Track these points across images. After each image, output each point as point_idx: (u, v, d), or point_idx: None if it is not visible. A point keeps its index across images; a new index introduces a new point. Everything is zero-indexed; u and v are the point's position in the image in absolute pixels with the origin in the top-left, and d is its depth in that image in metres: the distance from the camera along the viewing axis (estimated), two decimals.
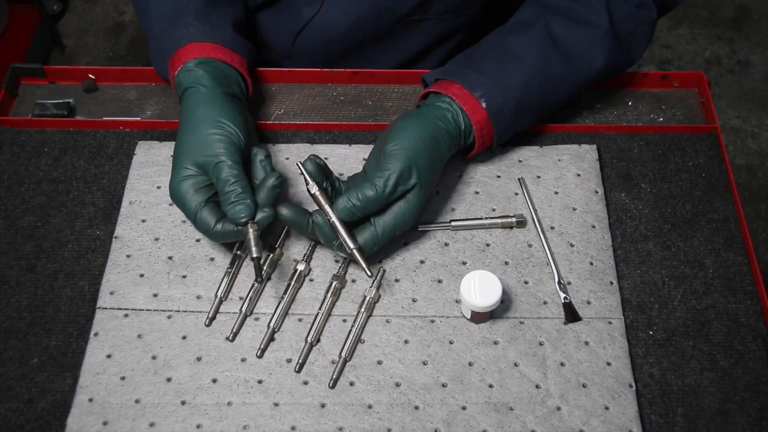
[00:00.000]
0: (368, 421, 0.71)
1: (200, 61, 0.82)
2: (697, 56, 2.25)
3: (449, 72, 0.84)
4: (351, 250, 0.74)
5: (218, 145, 0.76)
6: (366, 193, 0.74)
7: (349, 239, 0.74)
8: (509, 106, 0.82)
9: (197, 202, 0.75)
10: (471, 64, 0.84)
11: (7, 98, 0.95)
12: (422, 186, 0.76)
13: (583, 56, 0.85)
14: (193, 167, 0.76)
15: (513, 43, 0.85)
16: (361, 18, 0.96)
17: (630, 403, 0.72)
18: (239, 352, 0.75)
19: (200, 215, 0.75)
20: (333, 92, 0.97)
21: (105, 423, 0.71)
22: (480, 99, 0.81)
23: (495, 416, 0.71)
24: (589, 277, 0.80)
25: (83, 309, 0.78)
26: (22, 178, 0.88)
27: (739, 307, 0.78)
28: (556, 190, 0.86)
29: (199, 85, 0.80)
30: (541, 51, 0.84)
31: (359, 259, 0.74)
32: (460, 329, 0.76)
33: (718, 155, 0.89)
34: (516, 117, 0.83)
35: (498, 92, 0.81)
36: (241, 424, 0.71)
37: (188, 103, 0.80)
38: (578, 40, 0.85)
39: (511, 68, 0.83)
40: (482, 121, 0.82)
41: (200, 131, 0.77)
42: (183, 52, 0.82)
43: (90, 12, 2.38)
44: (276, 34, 1.02)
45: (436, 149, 0.78)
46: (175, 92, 0.84)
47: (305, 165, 0.76)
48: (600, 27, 0.85)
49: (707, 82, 0.95)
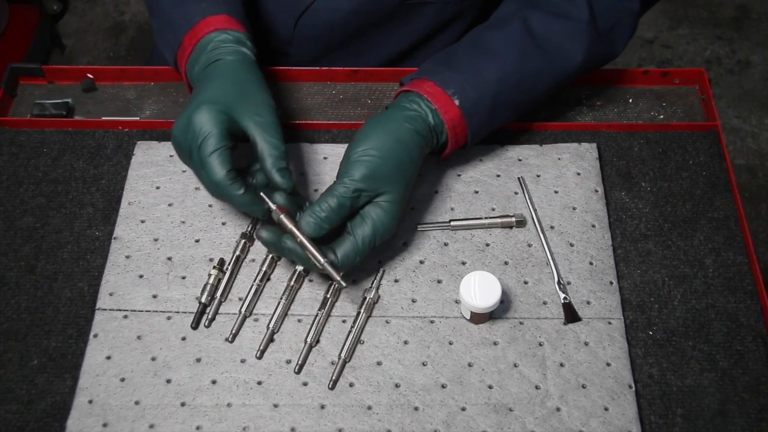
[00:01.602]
0: (368, 422, 0.71)
1: (224, 32, 0.80)
2: (697, 56, 2.25)
3: (424, 71, 0.83)
4: (322, 265, 0.70)
5: (272, 112, 0.75)
6: (329, 204, 0.72)
7: (318, 254, 0.70)
8: (484, 103, 0.80)
9: (223, 140, 0.72)
10: (446, 61, 0.83)
11: (5, 98, 0.95)
12: (392, 191, 0.74)
13: (563, 51, 0.83)
14: (228, 112, 0.73)
15: (490, 39, 0.83)
16: (365, 1, 0.95)
17: (629, 404, 0.72)
18: (239, 353, 0.75)
19: (221, 155, 0.72)
20: (332, 91, 0.96)
21: (105, 425, 0.71)
22: (453, 96, 0.79)
23: (494, 417, 0.71)
24: (589, 276, 0.79)
25: (83, 310, 0.78)
26: (21, 178, 0.88)
27: (739, 306, 0.78)
28: (555, 189, 0.86)
29: (235, 54, 0.79)
30: (518, 47, 0.82)
31: (331, 272, 0.70)
32: (460, 330, 0.76)
33: (718, 153, 0.89)
34: (492, 115, 0.81)
35: (472, 89, 0.80)
36: (241, 426, 0.71)
37: (227, 66, 0.77)
38: (557, 35, 0.83)
39: (486, 65, 0.81)
40: (455, 119, 0.80)
41: (251, 90, 0.75)
42: (203, 24, 0.80)
43: (90, 12, 2.38)
44: (278, 17, 1.00)
45: (404, 152, 0.76)
46: (184, 72, 0.82)
47: (271, 197, 0.74)
48: (580, 20, 0.83)
49: (708, 80, 0.95)
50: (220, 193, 0.73)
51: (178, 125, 0.74)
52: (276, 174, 0.72)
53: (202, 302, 0.77)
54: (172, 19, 0.83)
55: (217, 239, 0.82)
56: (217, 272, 0.78)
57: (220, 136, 0.72)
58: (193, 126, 0.72)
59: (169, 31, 0.84)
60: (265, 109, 0.75)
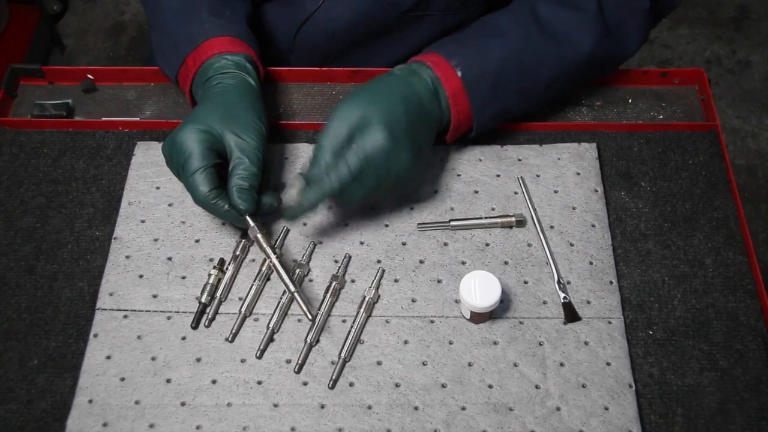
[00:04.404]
0: (368, 421, 0.71)
1: (224, 57, 0.82)
2: (697, 56, 2.25)
3: (432, 46, 0.85)
4: (292, 293, 0.74)
5: (255, 133, 0.77)
6: (309, 196, 0.75)
7: (289, 282, 0.74)
8: (486, 78, 0.81)
9: (204, 160, 0.75)
10: (454, 39, 0.85)
11: (6, 99, 0.95)
12: (380, 120, 0.74)
13: (569, 38, 0.84)
14: (211, 132, 0.76)
15: (497, 21, 0.86)
16: (364, 12, 0.97)
17: (630, 403, 0.72)
18: (239, 353, 0.75)
19: (202, 174, 0.74)
20: (332, 91, 0.96)
21: (105, 424, 0.71)
22: (456, 68, 0.81)
23: (494, 417, 0.71)
24: (589, 276, 0.79)
25: (83, 310, 0.78)
26: (21, 178, 0.88)
27: (739, 306, 0.78)
28: (555, 189, 0.86)
29: (235, 78, 0.81)
30: (524, 29, 0.84)
31: (300, 302, 0.74)
32: (460, 329, 0.76)
33: (718, 153, 0.89)
34: (494, 93, 0.82)
35: (475, 63, 0.81)
36: (241, 425, 0.71)
37: (222, 89, 0.80)
38: (564, 23, 0.84)
39: (491, 43, 0.83)
40: (456, 89, 0.80)
41: (240, 111, 0.77)
42: (207, 47, 0.83)
43: (90, 12, 2.38)
44: (279, 26, 1.02)
45: (396, 98, 0.77)
46: (188, 89, 0.84)
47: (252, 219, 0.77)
48: (587, 11, 0.84)
49: (707, 80, 0.95)
50: (206, 209, 0.76)
51: (165, 145, 0.77)
52: (236, 195, 0.75)
53: (202, 302, 0.77)
54: (176, 37, 0.85)
55: (217, 239, 0.82)
56: (217, 272, 0.78)
57: (201, 156, 0.74)
58: (176, 147, 0.75)
59: (171, 49, 0.86)
60: (247, 130, 0.77)
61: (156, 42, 0.89)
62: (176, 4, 0.86)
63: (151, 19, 0.90)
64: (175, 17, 0.86)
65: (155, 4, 0.88)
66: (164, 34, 0.87)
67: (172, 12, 0.86)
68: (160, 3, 0.87)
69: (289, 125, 0.92)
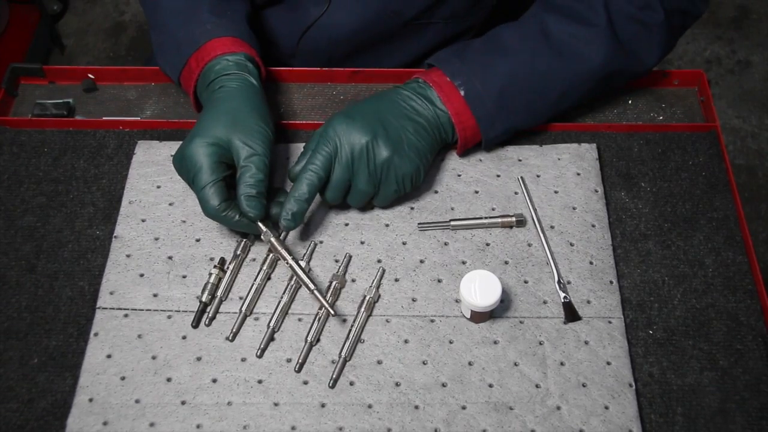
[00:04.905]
0: (368, 420, 0.71)
1: (229, 55, 0.82)
2: (697, 56, 2.25)
3: (438, 59, 0.85)
4: (311, 291, 0.75)
5: (261, 138, 0.77)
6: (299, 193, 0.76)
7: (308, 280, 0.75)
8: (490, 94, 0.82)
9: (213, 174, 0.75)
10: (460, 52, 0.85)
11: (6, 98, 0.95)
12: (382, 137, 0.78)
13: (578, 53, 0.84)
14: (219, 143, 0.76)
15: (504, 35, 0.85)
16: (368, 20, 0.97)
17: (630, 403, 0.72)
18: (239, 352, 0.75)
19: (212, 188, 0.75)
20: (333, 91, 0.97)
21: (105, 423, 0.71)
22: (459, 87, 0.81)
23: (495, 416, 0.71)
24: (589, 276, 0.80)
25: (83, 309, 0.78)
26: (22, 178, 0.88)
27: (739, 306, 0.78)
28: (555, 189, 0.86)
29: (238, 79, 0.81)
30: (531, 45, 0.83)
31: (320, 298, 0.74)
32: (460, 329, 0.76)
33: (718, 154, 0.89)
34: (500, 108, 0.82)
35: (477, 80, 0.81)
36: (241, 424, 0.71)
37: (226, 93, 0.80)
38: (573, 37, 0.84)
39: (496, 58, 0.83)
40: (459, 107, 0.81)
41: (244, 116, 0.78)
42: (209, 47, 0.83)
43: (90, 12, 2.38)
44: (282, 31, 1.02)
45: (386, 109, 0.80)
46: (191, 90, 0.84)
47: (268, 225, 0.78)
48: (597, 25, 0.84)
49: (707, 81, 0.95)
50: (218, 221, 0.77)
51: (175, 158, 0.78)
52: (244, 203, 0.75)
53: (202, 301, 0.77)
54: (178, 38, 0.85)
55: (217, 238, 0.82)
56: (217, 271, 0.78)
57: (210, 171, 0.75)
58: (186, 161, 0.76)
59: (173, 50, 0.86)
60: (253, 136, 0.77)
61: (157, 42, 0.89)
62: (176, 4, 0.86)
63: (151, 19, 0.90)
64: (176, 17, 0.86)
65: (155, 4, 0.88)
66: (165, 34, 0.87)
67: (172, 12, 0.86)
68: (160, 3, 0.87)
69: (290, 125, 0.92)
